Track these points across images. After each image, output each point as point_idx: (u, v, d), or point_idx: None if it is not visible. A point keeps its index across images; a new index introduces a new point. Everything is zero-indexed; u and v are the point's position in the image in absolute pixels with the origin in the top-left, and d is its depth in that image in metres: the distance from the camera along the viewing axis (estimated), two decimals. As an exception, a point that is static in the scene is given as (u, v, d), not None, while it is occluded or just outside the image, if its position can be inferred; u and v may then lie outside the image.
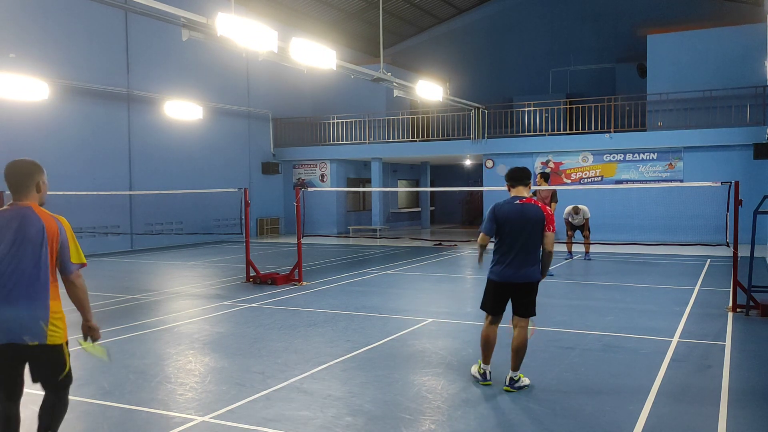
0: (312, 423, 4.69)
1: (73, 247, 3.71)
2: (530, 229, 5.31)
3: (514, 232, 5.31)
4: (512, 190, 5.53)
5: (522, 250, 5.32)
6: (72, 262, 3.71)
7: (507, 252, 5.35)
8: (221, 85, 21.93)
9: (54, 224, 3.66)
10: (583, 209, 14.62)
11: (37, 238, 3.59)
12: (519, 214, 5.32)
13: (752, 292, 8.50)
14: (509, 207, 5.38)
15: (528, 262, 5.34)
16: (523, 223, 5.30)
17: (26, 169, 3.71)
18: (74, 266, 3.73)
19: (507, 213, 5.35)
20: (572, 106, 22.45)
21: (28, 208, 3.66)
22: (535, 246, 5.35)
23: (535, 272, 5.39)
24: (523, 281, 5.37)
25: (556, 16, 27.88)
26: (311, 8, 25.25)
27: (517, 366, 5.42)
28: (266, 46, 10.73)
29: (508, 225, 5.33)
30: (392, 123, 24.90)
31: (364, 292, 10.70)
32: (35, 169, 3.74)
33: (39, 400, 3.83)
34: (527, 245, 5.32)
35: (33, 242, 3.58)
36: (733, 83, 19.11)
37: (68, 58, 16.95)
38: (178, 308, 9.46)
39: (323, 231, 22.73)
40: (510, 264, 5.34)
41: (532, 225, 5.31)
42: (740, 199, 8.73)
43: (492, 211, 5.45)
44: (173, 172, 19.86)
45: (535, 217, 5.32)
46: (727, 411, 4.86)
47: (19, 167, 3.70)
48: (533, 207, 5.37)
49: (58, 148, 16.71)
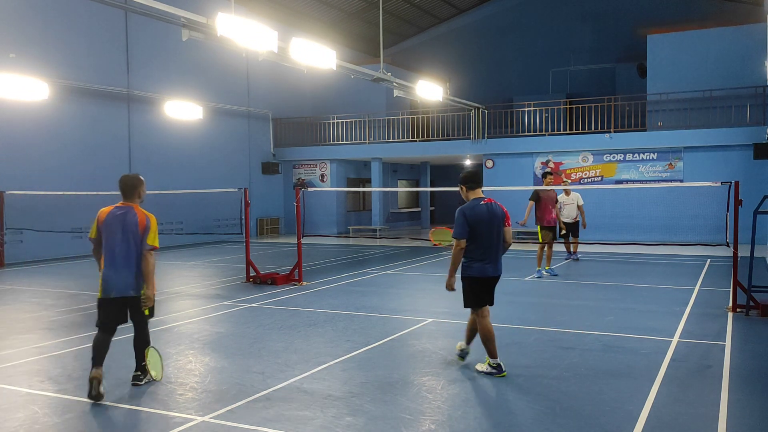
0: (312, 423, 4.69)
1: (152, 234, 5.50)
2: (498, 226, 5.79)
3: (487, 231, 5.72)
4: (471, 192, 5.91)
5: (496, 247, 5.79)
6: (147, 243, 5.46)
7: (485, 250, 5.75)
8: (221, 85, 21.93)
9: (144, 218, 5.51)
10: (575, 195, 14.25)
11: (134, 227, 5.44)
12: (488, 214, 5.74)
13: (752, 292, 8.50)
14: (478, 208, 5.75)
15: (500, 256, 5.88)
16: (492, 221, 5.74)
17: (132, 182, 5.64)
18: (148, 246, 5.47)
19: (478, 214, 5.71)
20: (572, 106, 22.45)
21: (131, 207, 5.56)
22: (501, 241, 5.86)
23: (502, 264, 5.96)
24: (499, 274, 5.92)
25: (555, 16, 27.87)
26: (311, 8, 25.25)
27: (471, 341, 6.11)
28: (266, 46, 10.73)
29: (480, 225, 5.69)
30: (392, 123, 24.90)
31: (364, 292, 10.70)
32: (138, 182, 5.67)
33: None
34: (498, 241, 5.80)
35: (132, 230, 5.44)
36: (733, 83, 19.11)
37: (68, 58, 16.95)
38: (178, 308, 9.46)
39: (323, 231, 22.73)
40: (490, 260, 5.77)
41: (498, 222, 5.79)
42: (740, 199, 8.73)
43: (463, 215, 5.73)
44: (173, 172, 19.86)
45: (501, 214, 5.84)
46: (727, 411, 4.86)
47: (128, 180, 5.64)
48: (497, 206, 5.88)
49: (58, 148, 16.71)
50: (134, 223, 5.45)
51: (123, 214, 5.47)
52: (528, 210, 12.44)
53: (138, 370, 5.67)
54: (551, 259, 12.78)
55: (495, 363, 5.78)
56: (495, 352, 5.79)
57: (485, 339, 5.81)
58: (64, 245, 16.83)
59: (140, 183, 5.68)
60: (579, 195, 14.47)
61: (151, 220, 5.54)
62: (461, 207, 5.82)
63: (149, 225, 5.49)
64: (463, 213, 5.74)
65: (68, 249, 16.95)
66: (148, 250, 5.44)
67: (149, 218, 5.53)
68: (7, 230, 15.31)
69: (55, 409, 5.05)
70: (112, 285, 5.41)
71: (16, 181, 15.61)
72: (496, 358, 5.79)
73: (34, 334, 7.81)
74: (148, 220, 5.51)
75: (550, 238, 12.34)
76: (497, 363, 5.78)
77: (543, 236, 12.37)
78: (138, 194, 5.65)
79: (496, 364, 5.77)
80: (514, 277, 12.47)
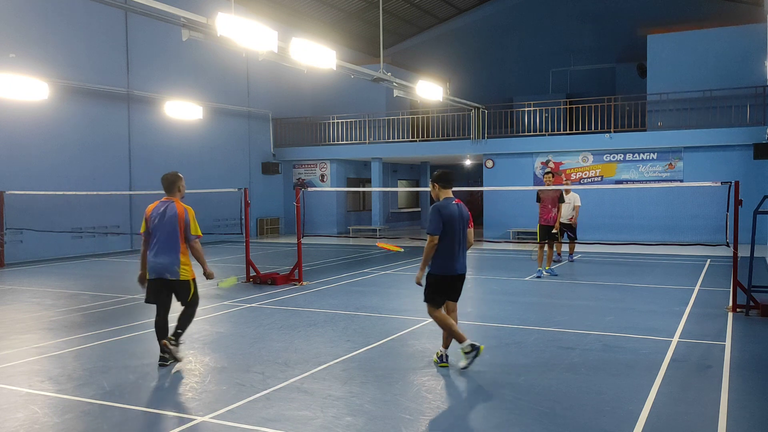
0: (312, 423, 4.69)
1: (193, 225, 6.21)
2: (464, 227, 6.02)
3: (455, 230, 5.92)
4: (442, 191, 6.09)
5: (461, 245, 6.01)
6: (191, 234, 6.20)
7: (451, 248, 5.94)
8: (221, 85, 21.93)
9: (183, 211, 6.19)
10: (573, 195, 14.00)
11: (174, 219, 6.15)
12: (458, 214, 5.97)
13: (752, 292, 8.50)
14: (450, 207, 5.95)
15: (464, 255, 6.09)
16: (460, 221, 5.96)
17: (172, 178, 6.34)
18: (193, 236, 6.21)
19: (450, 213, 5.93)
20: (572, 106, 22.45)
21: (172, 201, 6.27)
22: (465, 240, 6.08)
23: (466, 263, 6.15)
24: (463, 272, 6.10)
25: (556, 16, 27.86)
26: (311, 8, 25.25)
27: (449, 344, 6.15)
28: (266, 46, 10.73)
29: (450, 224, 5.90)
30: (392, 123, 24.90)
31: (364, 292, 10.70)
32: (178, 178, 6.36)
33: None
34: (462, 241, 6.01)
35: (171, 221, 6.14)
36: (733, 83, 19.11)
37: (68, 58, 16.95)
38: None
39: (323, 231, 22.73)
40: (455, 258, 5.97)
41: (465, 222, 6.02)
42: (740, 199, 8.73)
43: (438, 212, 5.93)
44: (173, 172, 19.82)
45: (466, 216, 6.07)
46: (727, 411, 4.86)
47: (168, 177, 6.34)
48: (464, 207, 6.11)
49: (58, 148, 16.71)
50: (173, 216, 6.14)
51: (164, 208, 6.21)
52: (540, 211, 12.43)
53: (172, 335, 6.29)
54: (551, 259, 12.78)
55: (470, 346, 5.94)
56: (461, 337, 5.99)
57: (444, 326, 6.04)
58: (64, 245, 16.83)
59: (179, 179, 6.38)
60: (578, 196, 14.28)
61: (189, 212, 6.23)
62: (435, 204, 6.02)
63: (188, 217, 6.18)
64: (437, 210, 5.93)
65: (68, 249, 16.95)
66: (193, 239, 6.20)
67: (187, 210, 6.22)
68: (7, 230, 15.31)
69: (55, 409, 5.04)
70: (151, 268, 6.18)
71: (16, 181, 15.61)
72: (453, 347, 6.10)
73: (34, 334, 7.81)
74: (186, 213, 6.19)
75: (548, 237, 12.30)
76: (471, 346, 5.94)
77: (541, 235, 12.36)
78: (178, 189, 6.35)
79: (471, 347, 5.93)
80: (514, 277, 12.47)
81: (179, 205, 6.22)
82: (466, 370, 5.97)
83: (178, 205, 6.21)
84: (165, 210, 6.19)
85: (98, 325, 8.23)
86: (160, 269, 6.14)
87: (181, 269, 6.18)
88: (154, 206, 6.28)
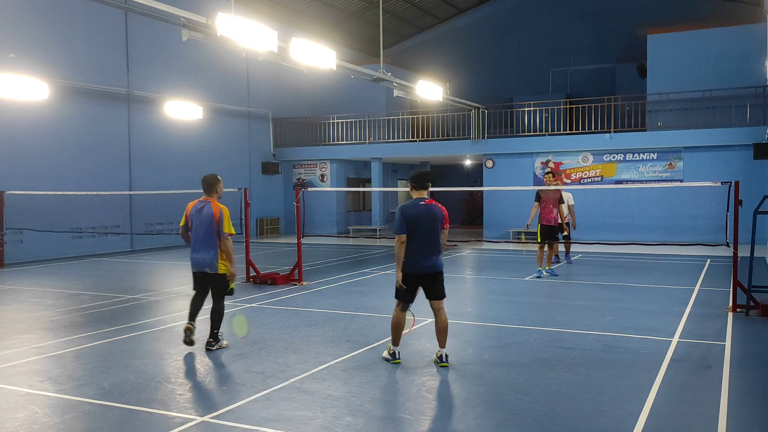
0: (312, 423, 4.69)
1: (226, 223, 6.73)
2: (435, 226, 6.08)
3: (423, 230, 6.02)
4: (414, 192, 6.22)
5: (430, 245, 6.06)
6: (224, 231, 6.72)
7: (418, 247, 6.03)
8: (221, 85, 21.93)
9: (218, 211, 6.74)
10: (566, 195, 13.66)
11: (210, 218, 6.72)
12: (426, 213, 6.05)
13: (752, 292, 8.50)
14: (416, 208, 6.07)
15: (435, 254, 6.12)
16: (429, 221, 6.03)
17: (210, 180, 6.95)
18: (225, 234, 6.72)
19: (415, 214, 6.05)
20: (572, 106, 22.45)
21: (209, 201, 6.86)
22: (437, 240, 6.13)
23: (440, 261, 6.20)
24: (433, 270, 6.13)
25: (556, 16, 27.86)
26: (311, 8, 25.25)
27: (444, 343, 6.16)
28: (266, 46, 10.72)
29: (416, 224, 6.02)
30: (392, 123, 24.90)
31: (364, 292, 10.70)
32: (217, 180, 6.98)
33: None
34: (431, 240, 6.07)
35: (208, 220, 6.73)
36: (733, 83, 19.10)
37: (68, 58, 16.95)
38: (178, 308, 9.45)
39: (323, 231, 22.73)
40: (423, 257, 6.05)
41: (436, 222, 6.08)
42: (740, 199, 8.73)
43: (401, 213, 6.09)
44: (173, 172, 19.85)
45: (439, 215, 6.12)
46: (727, 411, 4.86)
47: (207, 178, 6.97)
48: (436, 207, 6.15)
49: (58, 148, 16.71)
50: (209, 215, 6.74)
51: (202, 207, 6.82)
52: (533, 212, 12.34)
53: (210, 337, 6.84)
54: (551, 259, 12.78)
55: (392, 350, 6.26)
56: (398, 341, 6.26)
57: (393, 326, 6.23)
58: (64, 245, 16.83)
59: (217, 181, 6.98)
60: (570, 195, 14.12)
61: (224, 211, 6.77)
62: (401, 205, 6.17)
63: (221, 216, 6.72)
64: (401, 210, 6.10)
65: (68, 249, 16.95)
66: (225, 237, 6.72)
67: (222, 210, 6.76)
68: (7, 230, 15.31)
69: (55, 409, 5.04)
70: (193, 262, 6.87)
71: (16, 181, 15.62)
72: (396, 346, 6.27)
73: (34, 334, 7.81)
74: (221, 212, 6.74)
75: (548, 237, 12.29)
76: (394, 350, 6.24)
77: (542, 235, 12.35)
78: (215, 190, 6.95)
79: (393, 351, 6.24)
80: (514, 277, 12.47)
81: (215, 205, 6.79)
82: (466, 370, 5.97)
83: (214, 205, 6.79)
84: (202, 209, 6.80)
85: (98, 325, 8.23)
86: (200, 264, 6.79)
87: (219, 264, 6.78)
88: (194, 204, 6.90)
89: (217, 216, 6.73)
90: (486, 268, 14.24)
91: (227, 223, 6.77)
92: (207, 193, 6.94)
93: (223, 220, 6.73)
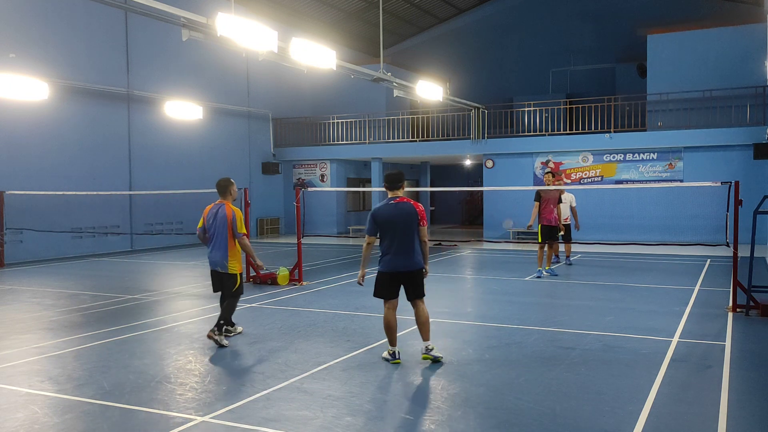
0: (312, 423, 4.69)
1: (239, 223, 7.17)
2: (406, 224, 6.04)
3: (393, 229, 6.06)
4: (389, 192, 6.28)
5: (405, 243, 6.05)
6: (238, 231, 7.17)
7: (391, 246, 6.11)
8: (221, 85, 21.92)
9: (231, 213, 7.17)
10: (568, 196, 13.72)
11: (223, 219, 7.17)
12: (396, 212, 6.07)
13: (752, 292, 8.50)
14: (386, 208, 6.16)
15: (410, 252, 6.09)
16: (401, 219, 6.04)
17: (225, 184, 7.42)
18: (239, 234, 7.18)
19: (384, 213, 6.14)
20: (572, 106, 22.44)
21: (223, 203, 7.30)
22: (412, 238, 6.09)
23: (418, 260, 6.16)
24: (411, 269, 6.12)
25: (556, 16, 27.86)
26: (311, 8, 25.24)
27: (427, 336, 6.27)
28: (266, 46, 10.72)
29: (387, 223, 6.08)
30: (392, 123, 24.90)
31: (364, 292, 10.64)
32: (230, 183, 7.44)
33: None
34: (405, 238, 6.04)
35: (222, 221, 7.16)
36: (733, 83, 19.10)
37: (68, 58, 16.94)
38: (178, 308, 9.46)
39: (323, 231, 22.72)
40: (397, 256, 6.08)
41: (408, 220, 6.04)
42: (740, 199, 8.73)
43: (371, 215, 6.25)
44: (173, 172, 19.86)
45: (412, 212, 6.08)
46: (727, 411, 4.86)
47: (221, 182, 7.41)
48: (408, 204, 6.14)
49: (58, 148, 16.71)
50: (223, 216, 7.16)
51: (217, 210, 7.26)
52: (534, 212, 12.34)
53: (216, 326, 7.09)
54: (551, 260, 12.77)
55: (392, 350, 6.28)
56: (394, 341, 6.30)
57: (385, 327, 6.29)
58: (64, 245, 16.83)
59: (230, 184, 7.44)
60: (573, 196, 14.10)
61: (236, 213, 7.21)
62: (374, 207, 6.31)
63: (234, 217, 7.14)
64: (372, 212, 6.26)
65: (68, 249, 16.95)
66: (239, 236, 7.17)
67: (235, 213, 7.20)
68: (7, 230, 15.31)
69: (55, 409, 5.04)
70: (210, 261, 7.29)
71: (16, 181, 15.62)
72: (394, 346, 6.29)
73: (34, 334, 7.81)
74: (233, 214, 7.17)
75: (549, 237, 12.28)
76: (393, 351, 6.27)
77: (542, 235, 12.34)
78: (229, 193, 7.39)
79: (392, 351, 6.27)
80: (514, 277, 12.47)
81: (228, 207, 7.22)
82: (466, 370, 5.97)
83: (228, 207, 7.22)
84: (217, 212, 7.23)
85: (98, 325, 8.23)
86: (213, 263, 7.24)
87: (229, 264, 7.15)
88: (210, 207, 7.33)
89: (230, 218, 7.14)
90: (486, 268, 14.24)
91: (240, 224, 7.18)
92: (221, 196, 7.35)
93: (236, 221, 7.15)
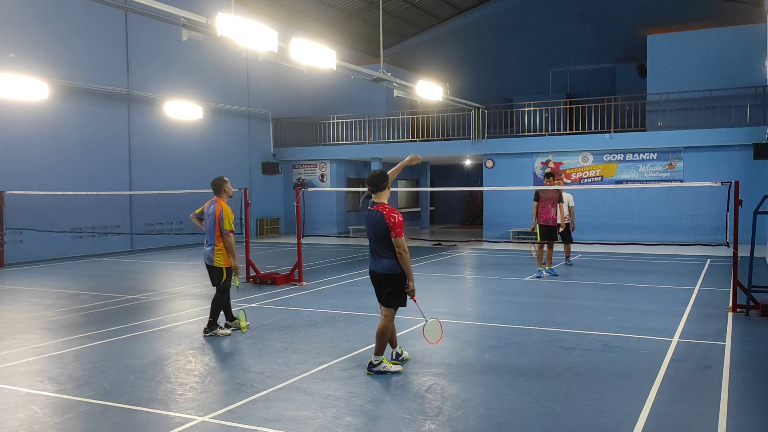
0: (312, 423, 4.69)
1: (226, 220, 7.46)
2: (375, 233, 5.97)
3: (368, 233, 6.12)
4: (373, 195, 6.14)
5: (375, 247, 6.03)
6: (224, 228, 7.45)
7: (369, 247, 6.18)
8: (221, 85, 21.92)
9: (220, 210, 7.50)
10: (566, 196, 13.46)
11: (213, 216, 7.53)
12: (368, 219, 6.06)
13: (752, 292, 8.50)
14: (365, 212, 6.17)
15: (381, 257, 5.97)
16: (370, 225, 6.02)
17: (217, 182, 7.76)
18: (225, 230, 7.46)
19: (364, 216, 6.20)
20: (572, 106, 22.45)
21: (216, 201, 7.64)
22: (382, 245, 5.93)
23: (391, 266, 5.91)
24: (382, 272, 5.97)
25: (556, 16, 27.87)
26: (311, 8, 25.24)
27: (377, 350, 5.95)
28: (266, 46, 10.72)
29: (366, 226, 6.15)
30: (392, 123, 24.89)
31: (364, 292, 10.69)
32: (223, 182, 7.76)
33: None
34: (377, 243, 6.01)
35: (211, 218, 7.56)
36: (733, 83, 19.10)
37: (68, 58, 16.94)
38: (178, 308, 9.46)
39: (323, 231, 22.73)
40: (371, 257, 6.16)
41: (375, 229, 5.96)
42: (740, 199, 8.73)
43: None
44: (173, 172, 19.86)
45: (377, 220, 5.92)
46: (727, 411, 4.86)
47: (215, 181, 7.76)
48: (377, 213, 5.92)
49: (58, 148, 16.71)
50: (213, 213, 7.56)
51: (209, 206, 7.67)
52: (534, 213, 12.33)
53: (207, 325, 7.53)
54: (551, 259, 12.78)
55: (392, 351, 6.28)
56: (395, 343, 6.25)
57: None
58: (64, 245, 16.83)
59: (224, 182, 7.77)
60: (571, 196, 13.93)
61: (225, 210, 7.51)
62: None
63: (222, 213, 7.47)
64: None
65: (68, 249, 16.95)
66: (225, 233, 7.45)
67: (224, 209, 7.51)
68: (7, 230, 15.31)
69: (55, 409, 5.04)
70: (204, 255, 7.72)
71: (16, 181, 15.62)
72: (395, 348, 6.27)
73: (34, 334, 7.81)
74: (221, 210, 7.49)
75: (547, 236, 12.27)
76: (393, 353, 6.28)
77: (540, 235, 12.34)
78: (223, 191, 7.71)
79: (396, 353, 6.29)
80: (514, 277, 12.47)
81: (219, 205, 7.57)
82: (466, 370, 5.97)
83: (218, 204, 7.57)
84: (210, 208, 7.67)
85: (98, 325, 8.24)
86: (205, 255, 7.68)
87: (215, 257, 7.52)
88: (207, 203, 7.75)
89: (218, 215, 7.48)
90: (486, 268, 14.24)
91: (226, 221, 7.45)
92: (216, 194, 7.72)
93: (223, 218, 7.45)
